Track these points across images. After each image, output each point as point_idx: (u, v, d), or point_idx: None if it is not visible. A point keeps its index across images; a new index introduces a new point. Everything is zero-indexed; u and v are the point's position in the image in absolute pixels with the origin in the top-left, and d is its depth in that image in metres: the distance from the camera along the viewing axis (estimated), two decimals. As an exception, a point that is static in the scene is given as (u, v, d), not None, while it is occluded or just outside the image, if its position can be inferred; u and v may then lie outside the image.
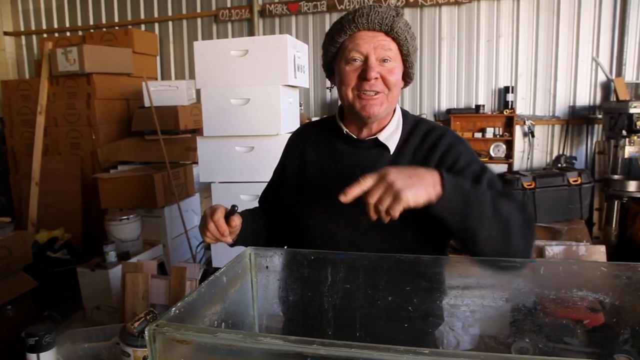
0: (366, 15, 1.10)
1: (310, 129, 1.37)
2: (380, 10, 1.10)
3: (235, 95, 2.53)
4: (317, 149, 1.27)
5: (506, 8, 4.39)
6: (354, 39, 1.12)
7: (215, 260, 2.74)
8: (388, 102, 1.15)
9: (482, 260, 1.05)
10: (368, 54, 1.11)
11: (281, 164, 1.38)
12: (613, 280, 1.01)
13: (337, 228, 1.17)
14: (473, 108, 4.45)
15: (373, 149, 1.20)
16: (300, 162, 1.29)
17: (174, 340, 0.70)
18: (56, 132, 4.37)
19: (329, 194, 1.14)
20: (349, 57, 1.13)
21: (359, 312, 1.08)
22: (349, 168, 1.18)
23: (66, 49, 4.10)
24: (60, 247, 3.75)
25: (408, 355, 0.60)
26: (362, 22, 1.10)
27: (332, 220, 1.17)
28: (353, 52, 1.12)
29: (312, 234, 1.20)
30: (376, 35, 1.11)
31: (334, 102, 4.84)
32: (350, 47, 1.12)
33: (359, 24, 1.10)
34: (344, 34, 1.13)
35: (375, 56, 1.11)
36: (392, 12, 1.11)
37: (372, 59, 1.11)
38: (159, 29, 5.27)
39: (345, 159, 1.21)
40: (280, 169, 1.37)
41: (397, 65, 1.15)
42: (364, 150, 1.20)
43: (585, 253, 3.47)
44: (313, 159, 1.26)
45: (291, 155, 1.34)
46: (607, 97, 4.27)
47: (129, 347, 1.27)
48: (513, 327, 1.08)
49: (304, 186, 1.25)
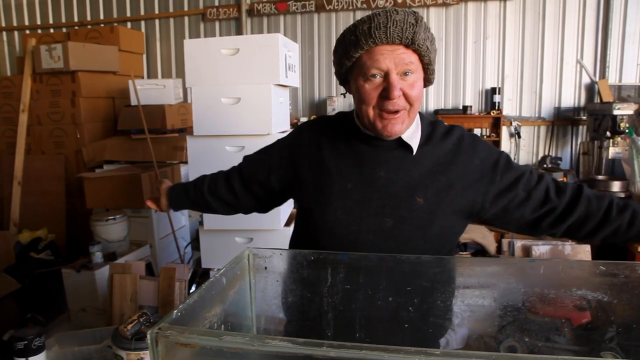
0: (384, 28, 1.01)
1: (326, 124, 1.29)
2: (398, 20, 1.01)
3: (225, 94, 2.50)
4: (335, 146, 1.21)
5: (493, 10, 4.44)
6: (372, 55, 1.04)
7: (205, 261, 2.71)
8: (409, 118, 1.11)
9: (471, 260, 1.05)
10: (389, 70, 1.04)
11: (289, 153, 1.30)
12: (599, 279, 1.03)
13: (359, 231, 1.13)
14: (460, 109, 4.49)
15: (395, 150, 1.16)
16: (316, 160, 1.23)
17: (177, 344, 0.69)
18: (39, 131, 4.29)
19: (352, 196, 1.14)
20: (369, 74, 1.06)
21: (358, 313, 1.07)
22: (371, 169, 1.15)
23: (50, 46, 4.02)
24: (44, 248, 3.68)
25: (420, 357, 0.60)
26: (380, 36, 1.02)
27: (355, 222, 1.14)
28: (372, 69, 1.05)
29: (334, 237, 1.15)
30: (396, 49, 1.04)
31: (322, 102, 4.84)
32: (369, 64, 1.05)
33: (376, 39, 1.02)
34: (360, 48, 1.05)
35: (396, 71, 1.04)
36: (410, 20, 1.02)
37: (393, 76, 1.04)
38: (146, 27, 5.21)
39: (367, 159, 1.17)
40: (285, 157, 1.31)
41: (419, 76, 1.09)
42: (385, 150, 1.16)
43: (570, 252, 3.52)
44: (331, 158, 1.20)
45: (304, 150, 1.26)
46: (592, 99, 4.34)
47: (122, 350, 1.24)
48: (501, 326, 1.08)
49: (323, 186, 1.19)
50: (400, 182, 1.13)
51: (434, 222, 1.12)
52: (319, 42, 4.80)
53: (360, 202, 1.14)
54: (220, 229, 2.61)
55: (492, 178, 1.15)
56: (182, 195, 1.50)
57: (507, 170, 1.16)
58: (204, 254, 2.71)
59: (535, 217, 1.16)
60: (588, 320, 1.10)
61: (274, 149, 1.36)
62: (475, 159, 1.16)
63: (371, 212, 1.13)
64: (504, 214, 1.17)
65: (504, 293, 1.08)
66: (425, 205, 1.12)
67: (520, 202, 1.15)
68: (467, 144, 1.18)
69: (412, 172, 1.14)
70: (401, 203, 1.12)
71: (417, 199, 1.12)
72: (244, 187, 1.39)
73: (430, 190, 1.13)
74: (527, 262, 1.03)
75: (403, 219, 1.12)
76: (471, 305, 1.09)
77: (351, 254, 1.06)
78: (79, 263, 2.73)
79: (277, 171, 1.31)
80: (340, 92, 1.35)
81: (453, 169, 1.15)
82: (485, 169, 1.15)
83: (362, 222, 1.13)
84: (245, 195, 1.39)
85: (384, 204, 1.13)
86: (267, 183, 1.33)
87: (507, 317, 1.07)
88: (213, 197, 1.43)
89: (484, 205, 1.16)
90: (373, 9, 4.61)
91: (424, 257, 1.05)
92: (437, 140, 1.18)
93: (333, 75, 4.84)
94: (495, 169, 1.15)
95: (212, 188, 1.44)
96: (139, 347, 1.23)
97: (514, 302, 1.06)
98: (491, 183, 1.15)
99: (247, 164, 1.41)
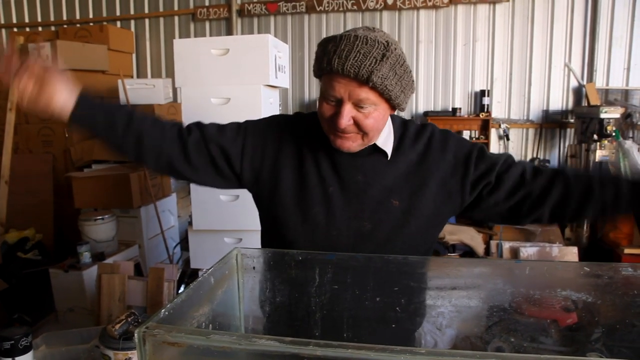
0: (344, 59, 0.98)
1: (307, 123, 1.23)
2: (362, 52, 0.98)
3: (215, 95, 2.50)
4: (315, 148, 1.18)
5: (482, 13, 4.47)
6: (330, 80, 1.03)
7: (194, 261, 2.70)
8: (364, 141, 1.10)
9: (458, 261, 1.06)
10: (342, 98, 1.02)
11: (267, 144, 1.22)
12: (584, 280, 1.04)
13: (339, 235, 1.14)
14: (450, 111, 4.51)
15: (372, 155, 1.16)
16: (297, 161, 1.19)
17: (164, 343, 0.69)
18: (27, 130, 4.25)
19: (332, 200, 1.15)
20: (327, 94, 1.05)
21: (346, 313, 1.08)
22: (350, 173, 1.15)
23: (39, 44, 3.99)
24: (31, 248, 3.64)
25: (405, 355, 0.60)
26: (337, 66, 0.99)
27: (335, 227, 1.14)
28: (329, 89, 1.04)
29: (313, 241, 1.14)
30: (350, 82, 1.01)
31: (312, 103, 4.84)
32: (326, 87, 1.05)
33: (333, 67, 1.00)
34: (323, 69, 1.05)
35: (349, 102, 1.03)
36: (375, 55, 0.98)
37: (345, 106, 1.02)
38: (135, 26, 5.18)
39: (344, 165, 1.16)
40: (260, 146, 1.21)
41: (378, 107, 1.05)
42: (362, 156, 1.15)
43: (558, 254, 3.56)
44: (311, 160, 1.18)
45: (285, 149, 1.20)
46: (579, 102, 4.38)
47: (110, 350, 1.24)
48: (489, 327, 1.10)
49: (304, 189, 1.17)
50: (376, 186, 1.15)
51: (410, 222, 1.14)
52: (309, 43, 4.80)
53: (340, 206, 1.15)
54: (209, 229, 2.60)
55: (466, 171, 1.16)
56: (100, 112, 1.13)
57: (480, 160, 1.16)
58: (193, 254, 2.71)
59: (513, 203, 1.15)
60: (574, 321, 1.12)
61: (248, 132, 1.23)
62: (447, 154, 1.17)
63: (350, 216, 1.14)
64: (480, 202, 1.18)
65: (491, 294, 1.09)
66: (401, 207, 1.14)
67: (492, 187, 1.15)
68: (438, 141, 1.19)
69: (387, 175, 1.15)
70: (378, 206, 1.14)
71: (392, 201, 1.14)
72: (203, 146, 1.19)
73: (404, 192, 1.15)
74: (513, 263, 1.04)
75: (380, 221, 1.14)
76: (458, 306, 1.10)
77: (339, 254, 1.07)
78: (67, 263, 2.71)
79: (249, 157, 1.21)
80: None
81: (426, 168, 1.16)
82: (458, 163, 1.17)
83: (342, 226, 1.14)
84: (198, 154, 1.19)
85: (362, 208, 1.14)
86: (234, 163, 1.20)
87: (493, 317, 1.08)
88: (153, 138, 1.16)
89: (463, 198, 1.17)
90: (363, 11, 4.63)
91: (411, 258, 1.07)
92: (410, 142, 1.19)
93: (323, 77, 4.86)
94: (467, 161, 1.16)
95: (158, 128, 1.17)
96: (127, 346, 1.23)
97: (500, 303, 1.07)
98: (465, 176, 1.16)
99: (213, 130, 1.23)
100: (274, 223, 1.22)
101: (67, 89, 1.09)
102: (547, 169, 1.16)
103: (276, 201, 1.19)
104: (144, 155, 1.17)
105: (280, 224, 1.19)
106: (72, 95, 1.09)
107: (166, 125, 1.20)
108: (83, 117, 1.11)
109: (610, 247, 3.68)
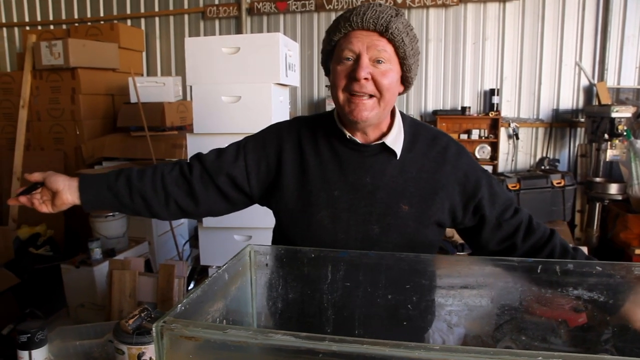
0: (362, 14, 1.04)
1: (306, 127, 1.24)
2: (378, 9, 1.05)
3: (226, 93, 2.51)
4: (318, 151, 1.18)
5: (492, 11, 4.45)
6: (348, 38, 1.07)
7: (203, 258, 2.72)
8: (379, 108, 1.09)
9: (469, 260, 1.07)
10: (360, 52, 1.05)
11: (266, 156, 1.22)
12: (596, 280, 1.04)
13: (347, 239, 1.13)
14: (459, 110, 4.50)
15: (379, 154, 1.15)
16: (299, 166, 1.19)
17: (182, 337, 0.70)
18: (39, 127, 4.29)
19: (338, 203, 1.14)
20: (342, 56, 1.08)
21: (357, 310, 1.08)
22: (357, 175, 1.14)
23: (50, 43, 4.03)
24: (42, 244, 3.69)
25: (419, 351, 0.61)
26: (356, 20, 1.05)
27: (342, 230, 1.13)
28: (345, 50, 1.07)
29: (321, 245, 1.12)
30: (370, 35, 1.06)
31: (321, 101, 4.85)
32: (344, 47, 1.07)
33: (353, 23, 1.05)
34: (339, 32, 1.08)
35: (367, 55, 1.05)
36: (390, 12, 1.05)
37: (363, 58, 1.05)
38: (145, 25, 5.21)
39: (351, 165, 1.15)
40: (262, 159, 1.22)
41: (393, 68, 1.08)
42: (369, 155, 1.15)
43: (567, 254, 3.53)
44: (315, 164, 1.17)
45: (285, 156, 1.20)
46: (590, 101, 4.35)
47: (123, 344, 1.26)
48: (499, 325, 1.10)
49: (308, 194, 1.16)
50: (385, 189, 1.13)
51: (419, 229, 1.14)
52: (319, 42, 4.81)
53: (347, 209, 1.13)
54: (219, 227, 2.61)
55: (472, 196, 1.17)
56: (104, 190, 1.18)
57: (488, 192, 1.18)
58: (202, 251, 2.72)
59: (496, 250, 1.20)
60: (584, 321, 1.11)
61: (248, 149, 1.24)
62: (459, 171, 1.17)
63: (358, 220, 1.13)
64: (472, 234, 1.22)
65: (501, 293, 1.09)
66: (411, 213, 1.13)
67: (491, 228, 1.19)
68: (452, 155, 1.18)
69: (397, 178, 1.14)
70: (387, 210, 1.12)
71: (402, 206, 1.13)
72: (207, 179, 1.21)
73: (415, 198, 1.13)
74: (524, 263, 1.04)
75: (389, 226, 1.12)
76: (468, 305, 1.10)
77: (352, 251, 1.07)
78: (78, 259, 2.74)
79: (254, 174, 1.21)
80: (325, 85, 1.32)
81: (437, 177, 1.15)
82: (468, 185, 1.17)
83: (349, 229, 1.13)
84: (206, 190, 1.21)
85: (370, 211, 1.13)
86: (242, 185, 1.22)
87: (504, 316, 1.08)
88: (157, 191, 1.19)
89: (462, 219, 1.19)
90: (373, 9, 4.63)
91: (422, 256, 1.07)
92: (423, 146, 1.18)
93: (333, 75, 4.87)
94: (477, 189, 1.17)
95: (158, 178, 1.20)
96: (140, 341, 1.25)
97: (510, 302, 1.07)
98: (472, 200, 1.17)
99: (213, 157, 1.24)
100: (282, 230, 1.23)
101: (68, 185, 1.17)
102: (540, 229, 1.20)
103: (282, 208, 1.20)
104: (154, 211, 1.21)
105: (287, 230, 1.20)
106: (74, 187, 1.17)
107: (165, 171, 1.22)
108: (91, 202, 1.18)
109: (621, 248, 3.65)
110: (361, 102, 1.07)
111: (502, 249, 1.19)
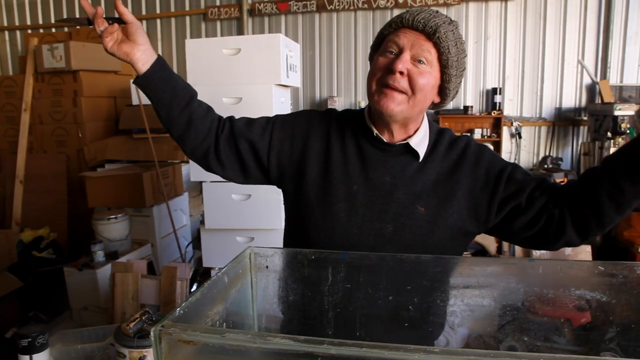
0: (415, 14, 1.07)
1: (337, 120, 1.25)
2: (432, 14, 1.07)
3: (227, 94, 2.51)
4: (344, 145, 1.19)
5: (494, 10, 4.44)
6: (396, 33, 1.09)
7: (206, 260, 2.72)
8: (408, 105, 1.08)
9: (471, 260, 1.06)
10: (404, 47, 1.07)
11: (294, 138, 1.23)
12: (598, 279, 1.03)
13: (360, 234, 1.13)
14: (461, 109, 4.49)
15: (402, 155, 1.15)
16: (324, 156, 1.20)
17: (180, 341, 0.69)
18: (41, 130, 4.31)
19: (356, 198, 1.14)
20: (386, 48, 1.10)
21: (359, 312, 1.08)
22: (378, 172, 1.15)
23: (52, 46, 4.04)
24: (45, 247, 3.70)
25: (419, 354, 0.60)
26: (408, 18, 1.07)
27: (356, 225, 1.13)
28: (390, 43, 1.09)
29: (334, 238, 1.14)
30: (418, 35, 1.07)
31: (322, 102, 4.85)
32: (390, 40, 1.09)
33: (404, 20, 1.07)
34: (390, 27, 1.11)
35: (410, 53, 1.06)
36: (443, 18, 1.07)
37: (405, 53, 1.06)
38: (147, 27, 5.23)
39: (373, 162, 1.16)
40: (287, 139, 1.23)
41: (432, 72, 1.08)
42: (393, 155, 1.16)
43: (571, 253, 3.52)
44: (339, 156, 1.18)
45: (313, 143, 1.21)
46: (593, 99, 4.34)
47: (125, 347, 1.26)
48: (501, 326, 1.09)
49: (328, 185, 1.17)
50: (403, 189, 1.13)
51: (434, 232, 1.12)
52: (320, 42, 4.81)
53: (363, 205, 1.13)
54: (221, 229, 2.62)
55: (495, 189, 1.13)
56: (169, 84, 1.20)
57: (511, 180, 1.13)
58: (205, 253, 2.73)
59: (539, 229, 1.11)
60: (587, 321, 1.11)
61: (276, 125, 1.25)
62: (480, 169, 1.15)
63: (373, 216, 1.13)
64: (506, 224, 1.15)
65: (504, 293, 1.08)
66: (427, 215, 1.12)
67: (521, 210, 1.11)
68: (472, 153, 1.16)
69: (416, 180, 1.14)
70: (403, 210, 1.12)
71: (418, 207, 1.12)
72: (232, 141, 1.23)
73: (432, 200, 1.13)
74: (527, 262, 1.03)
75: (403, 225, 1.12)
76: (471, 305, 1.09)
77: (352, 253, 1.06)
78: (81, 262, 2.74)
79: (276, 151, 1.22)
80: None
81: (457, 179, 1.14)
82: (489, 179, 1.14)
83: (363, 225, 1.13)
84: (229, 150, 1.24)
85: (386, 209, 1.13)
86: (262, 156, 1.23)
87: (506, 316, 1.08)
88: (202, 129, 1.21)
89: (488, 217, 1.14)
90: (374, 9, 4.63)
91: (424, 257, 1.06)
92: (443, 149, 1.17)
93: (334, 75, 4.87)
94: (498, 180, 1.13)
95: (208, 115, 1.24)
96: (142, 344, 1.25)
97: (513, 302, 1.06)
98: (495, 194, 1.13)
99: (242, 124, 1.26)
100: (297, 218, 1.23)
101: (149, 50, 1.17)
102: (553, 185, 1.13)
103: (300, 195, 1.20)
104: (187, 139, 1.23)
105: (302, 219, 1.20)
106: (152, 57, 1.17)
107: (214, 118, 1.26)
108: (152, 82, 1.18)
109: (625, 246, 3.64)
110: (391, 93, 1.07)
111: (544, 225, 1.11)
